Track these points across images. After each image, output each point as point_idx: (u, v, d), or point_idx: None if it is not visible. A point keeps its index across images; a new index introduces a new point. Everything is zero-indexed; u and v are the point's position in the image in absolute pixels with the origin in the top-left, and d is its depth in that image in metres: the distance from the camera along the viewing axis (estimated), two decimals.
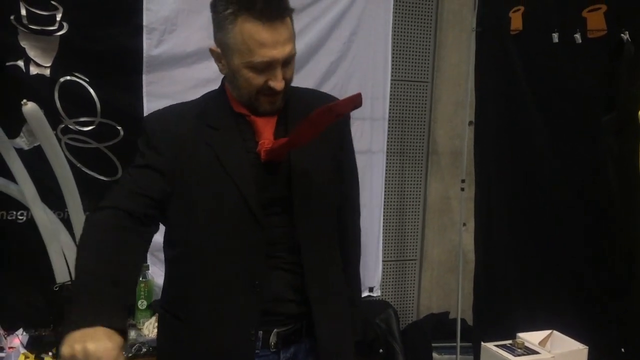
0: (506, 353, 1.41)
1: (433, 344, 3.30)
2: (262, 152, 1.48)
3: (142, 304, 2.72)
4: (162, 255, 1.63)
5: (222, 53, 1.48)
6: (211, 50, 1.51)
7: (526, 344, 1.46)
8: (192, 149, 1.48)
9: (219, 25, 1.45)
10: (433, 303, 3.65)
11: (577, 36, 1.92)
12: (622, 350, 1.72)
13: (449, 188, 3.55)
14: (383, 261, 3.41)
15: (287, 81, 1.48)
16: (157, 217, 1.50)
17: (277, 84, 1.44)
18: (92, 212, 1.49)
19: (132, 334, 2.58)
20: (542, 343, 1.56)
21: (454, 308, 3.67)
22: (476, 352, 2.79)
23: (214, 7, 1.47)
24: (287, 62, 1.46)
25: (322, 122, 1.43)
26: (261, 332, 1.51)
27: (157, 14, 2.77)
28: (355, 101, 1.38)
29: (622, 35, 1.75)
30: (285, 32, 1.42)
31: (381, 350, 3.11)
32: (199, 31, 2.81)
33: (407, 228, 3.54)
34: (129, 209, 1.42)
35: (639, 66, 1.70)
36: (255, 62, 1.41)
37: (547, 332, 1.60)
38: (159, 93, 2.80)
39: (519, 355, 1.40)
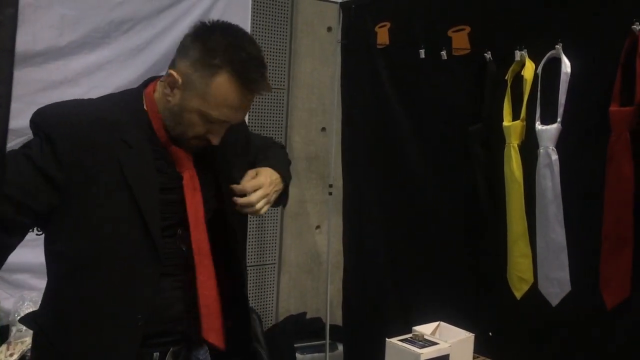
0: (411, 346, 1.52)
1: (295, 345, 3.38)
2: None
3: None
4: (10, 277, 1.46)
5: (182, 86, 1.36)
6: (171, 74, 1.37)
7: (425, 337, 1.58)
8: (101, 164, 1.35)
9: (198, 64, 1.33)
10: (291, 305, 3.74)
11: (443, 53, 2.10)
12: (490, 334, 1.93)
13: (305, 192, 3.66)
14: None
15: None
16: (28, 225, 1.36)
17: (216, 140, 1.42)
18: None
19: None
20: (432, 333, 1.70)
21: (310, 308, 3.79)
22: (347, 348, 2.93)
23: (201, 44, 1.34)
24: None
25: None
26: (157, 353, 1.47)
27: None
28: None
29: (485, 54, 1.96)
30: (252, 101, 1.40)
31: None
32: (48, 29, 2.58)
33: (266, 233, 3.58)
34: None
35: (501, 83, 1.92)
36: (212, 116, 1.36)
37: (435, 323, 1.75)
38: None
39: (422, 347, 1.51)
